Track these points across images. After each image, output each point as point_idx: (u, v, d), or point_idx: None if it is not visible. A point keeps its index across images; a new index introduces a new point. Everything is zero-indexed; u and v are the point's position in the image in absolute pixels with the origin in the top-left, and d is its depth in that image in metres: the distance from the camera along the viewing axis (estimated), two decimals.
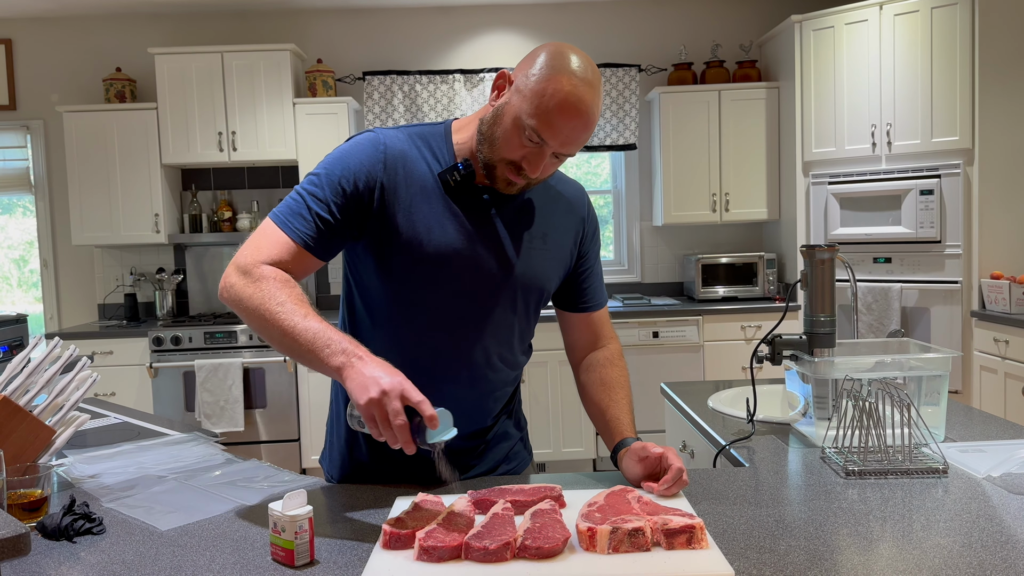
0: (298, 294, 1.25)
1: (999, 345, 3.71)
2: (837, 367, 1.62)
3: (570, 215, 1.50)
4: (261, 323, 1.23)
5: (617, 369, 1.54)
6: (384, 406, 1.11)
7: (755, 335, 4.54)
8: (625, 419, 1.45)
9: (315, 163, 4.61)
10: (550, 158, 1.30)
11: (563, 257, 1.49)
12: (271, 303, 1.22)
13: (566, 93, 1.23)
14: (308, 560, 1.09)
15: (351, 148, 1.36)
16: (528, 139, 1.27)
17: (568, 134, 1.26)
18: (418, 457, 1.42)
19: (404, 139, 1.38)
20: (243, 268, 1.27)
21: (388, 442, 1.13)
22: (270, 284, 1.24)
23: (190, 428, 1.90)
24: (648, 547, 1.07)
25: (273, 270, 1.27)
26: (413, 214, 1.34)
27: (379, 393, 1.11)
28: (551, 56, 1.27)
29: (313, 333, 1.19)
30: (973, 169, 3.91)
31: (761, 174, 4.83)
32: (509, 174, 1.32)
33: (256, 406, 4.44)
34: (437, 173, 1.37)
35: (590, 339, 1.58)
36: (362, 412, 1.12)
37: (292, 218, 1.31)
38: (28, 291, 5.21)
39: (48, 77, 4.98)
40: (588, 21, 5.08)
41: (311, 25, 5.03)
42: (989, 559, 1.05)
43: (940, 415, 1.65)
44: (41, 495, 1.25)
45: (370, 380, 1.12)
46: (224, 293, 1.28)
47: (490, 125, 1.32)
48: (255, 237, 1.31)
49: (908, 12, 4.05)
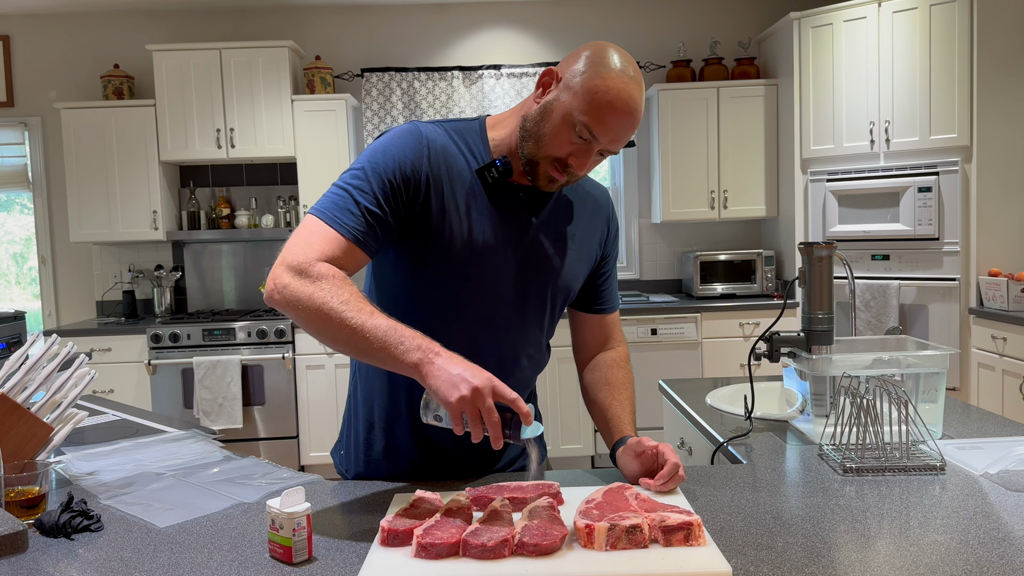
0: (359, 292, 1.22)
1: (997, 342, 3.71)
2: (835, 364, 1.62)
3: (597, 216, 1.51)
4: (324, 323, 1.19)
5: (623, 371, 1.54)
6: (477, 404, 1.11)
7: (753, 332, 4.55)
8: (626, 418, 1.45)
9: (314, 160, 4.65)
10: (595, 156, 1.31)
11: (589, 257, 1.50)
12: (334, 302, 1.18)
13: (618, 90, 1.25)
14: (306, 557, 1.09)
15: (394, 140, 1.34)
16: (578, 135, 1.28)
17: (618, 131, 1.27)
18: (434, 457, 1.45)
19: (443, 133, 1.38)
20: (297, 267, 1.21)
21: (472, 437, 1.14)
22: (330, 283, 1.20)
23: (188, 425, 1.90)
24: (646, 544, 1.08)
25: (330, 268, 1.22)
26: (453, 209, 1.34)
27: (471, 391, 1.11)
28: (600, 54, 1.27)
29: (383, 331, 1.17)
30: (971, 166, 3.91)
31: (760, 171, 4.83)
32: (552, 171, 1.32)
33: (254, 403, 4.44)
34: (475, 169, 1.37)
35: (600, 340, 1.59)
36: (451, 409, 1.12)
37: (339, 213, 1.27)
38: (26, 288, 5.20)
39: (46, 74, 4.97)
40: (586, 18, 5.08)
41: (309, 22, 5.03)
42: (986, 556, 1.05)
43: (938, 412, 1.65)
44: (39, 492, 1.25)
45: (458, 378, 1.12)
46: (275, 294, 1.22)
47: (536, 122, 1.31)
48: (301, 235, 1.26)
49: (907, 9, 4.05)
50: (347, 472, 1.55)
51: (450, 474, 1.46)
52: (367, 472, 1.51)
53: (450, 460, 1.46)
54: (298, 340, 4.45)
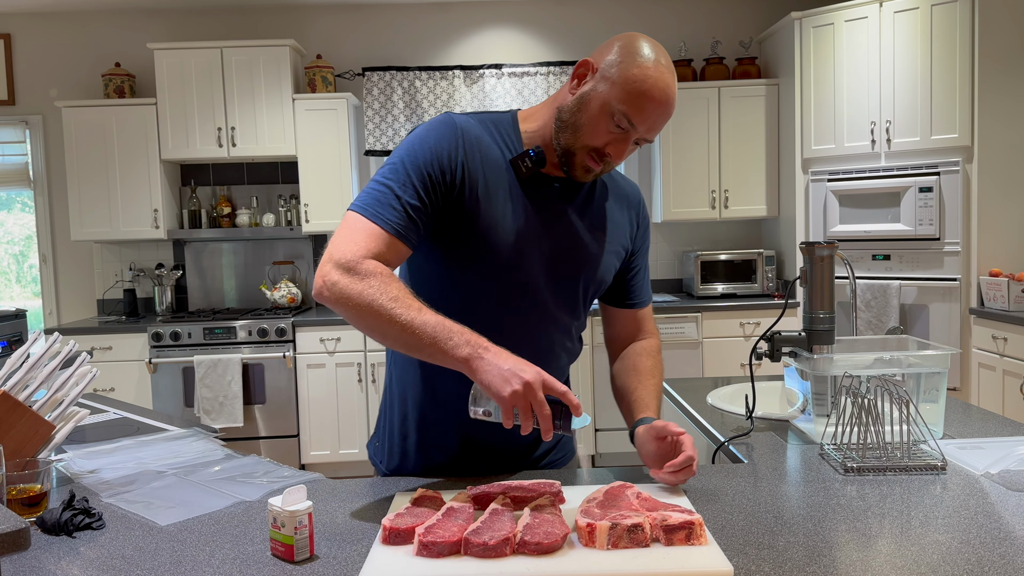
0: (406, 288, 1.24)
1: (997, 342, 3.71)
2: (836, 364, 1.62)
3: (628, 210, 1.53)
4: (374, 320, 1.21)
5: (651, 360, 1.55)
6: (528, 398, 1.13)
7: (754, 332, 4.55)
8: (651, 402, 1.46)
9: (315, 159, 4.65)
10: (631, 145, 1.33)
11: (620, 250, 1.51)
12: (384, 299, 1.20)
13: (655, 79, 1.27)
14: (308, 555, 1.09)
15: (429, 132, 1.35)
16: (617, 125, 1.30)
17: (656, 119, 1.30)
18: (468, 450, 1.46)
19: (477, 124, 1.39)
20: (345, 264, 1.23)
21: (521, 430, 1.15)
22: (378, 280, 1.22)
23: (189, 424, 1.90)
24: (647, 543, 1.08)
25: (377, 264, 1.24)
26: (488, 199, 1.35)
27: (522, 385, 1.13)
28: (635, 45, 1.30)
29: (432, 327, 1.19)
30: (972, 166, 3.91)
31: (760, 171, 4.83)
32: (589, 161, 1.34)
33: (255, 402, 4.44)
34: (509, 159, 1.38)
35: (631, 333, 1.61)
36: (503, 404, 1.14)
37: (381, 208, 1.28)
38: (27, 286, 5.21)
39: (47, 72, 4.97)
40: (587, 18, 5.08)
41: (311, 21, 5.03)
42: (987, 555, 1.05)
43: (939, 412, 1.65)
44: (41, 490, 1.25)
45: (509, 373, 1.14)
46: (325, 292, 1.23)
47: (573, 112, 1.33)
48: (345, 231, 1.28)
49: (908, 9, 4.04)
50: (381, 463, 1.56)
51: (485, 468, 1.46)
52: (401, 464, 1.51)
53: (485, 453, 1.47)
54: (299, 339, 4.46)
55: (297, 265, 5.09)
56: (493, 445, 1.46)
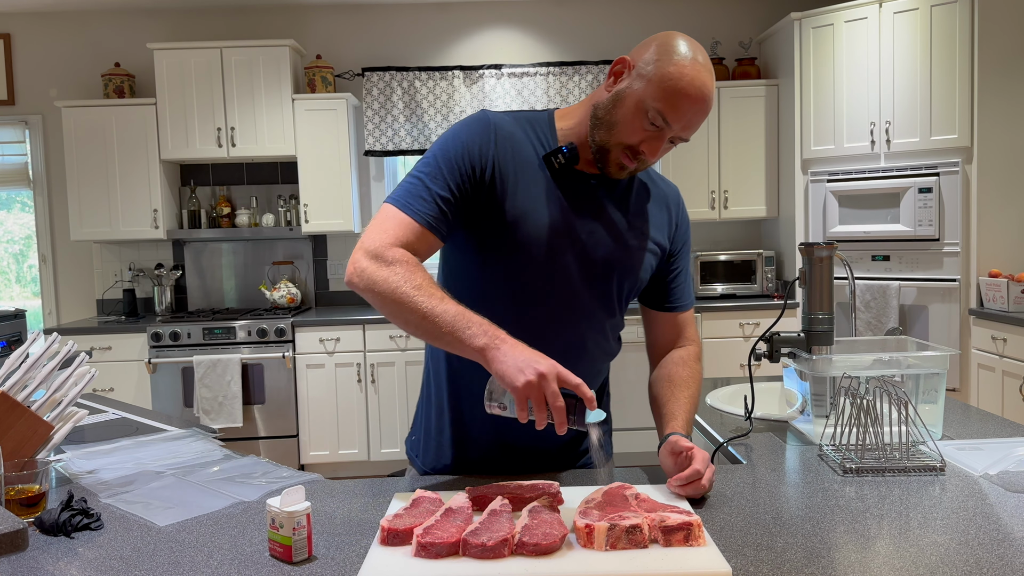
0: (431, 277, 1.27)
1: (997, 343, 3.71)
2: (835, 365, 1.62)
3: (665, 211, 1.53)
4: (397, 307, 1.24)
5: (688, 369, 1.53)
6: (542, 389, 1.13)
7: (753, 332, 4.55)
8: (680, 416, 1.44)
9: (314, 159, 4.65)
10: (666, 143, 1.33)
11: (657, 250, 1.50)
12: (407, 286, 1.23)
13: (692, 77, 1.27)
14: (306, 556, 1.09)
15: (463, 128, 1.38)
16: (651, 122, 1.30)
17: (691, 117, 1.29)
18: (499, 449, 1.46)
19: (511, 121, 1.41)
20: (373, 252, 1.27)
21: (536, 424, 1.15)
22: (404, 267, 1.25)
23: (188, 424, 1.90)
24: (646, 544, 1.08)
25: (404, 253, 1.27)
26: (519, 194, 1.36)
27: (536, 376, 1.13)
28: (672, 43, 1.30)
29: (452, 316, 1.21)
30: (972, 167, 3.91)
31: (760, 171, 4.83)
32: (623, 158, 1.35)
33: (255, 402, 4.44)
34: (542, 155, 1.39)
35: (671, 338, 1.59)
36: (516, 394, 1.14)
37: (413, 200, 1.32)
38: (26, 286, 5.21)
39: (47, 72, 4.97)
40: (587, 17, 5.08)
41: (310, 21, 5.03)
42: (986, 556, 1.05)
43: (938, 413, 1.65)
44: (39, 490, 1.25)
45: (524, 363, 1.15)
46: (354, 278, 1.27)
47: (608, 109, 1.34)
48: (378, 222, 1.32)
49: (908, 10, 4.05)
50: (416, 458, 1.57)
51: (520, 468, 1.46)
52: (437, 459, 1.52)
53: (518, 452, 1.47)
54: (298, 339, 4.46)
55: (296, 265, 5.09)
56: (525, 444, 1.46)
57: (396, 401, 4.51)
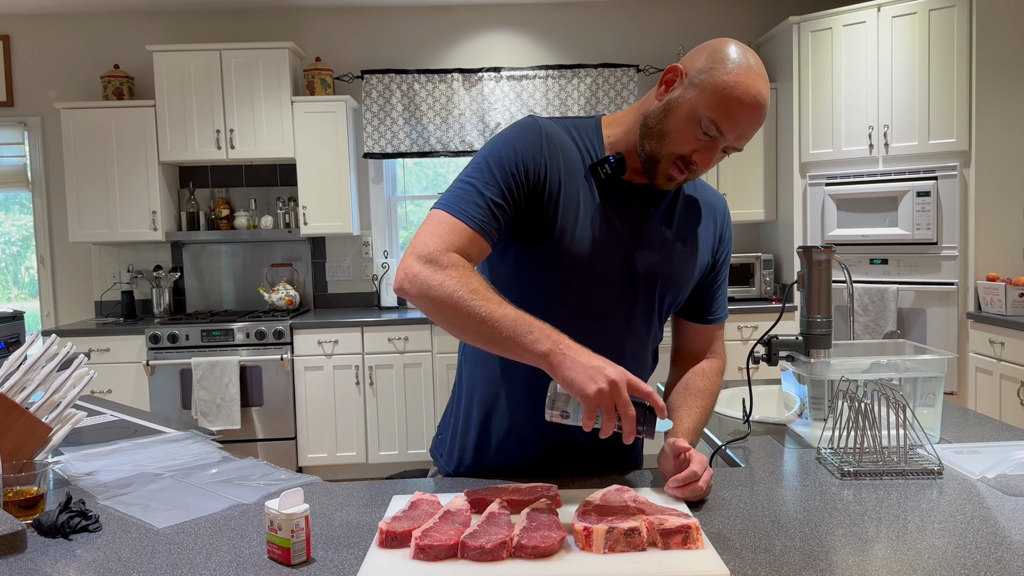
0: (487, 282, 1.24)
1: (994, 347, 3.72)
2: (833, 368, 1.62)
3: (711, 223, 1.50)
4: (453, 312, 1.21)
5: (706, 381, 1.51)
6: (614, 397, 1.12)
7: (752, 336, 4.55)
8: (687, 423, 1.42)
9: (313, 162, 4.65)
10: (719, 153, 1.31)
11: (701, 262, 1.48)
12: (464, 291, 1.20)
13: (747, 86, 1.24)
14: (304, 558, 1.09)
15: (513, 132, 1.36)
16: (704, 132, 1.27)
17: (746, 127, 1.27)
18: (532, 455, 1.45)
19: (560, 128, 1.40)
20: (427, 257, 1.24)
21: (601, 432, 1.14)
22: (459, 272, 1.22)
23: (187, 426, 1.90)
24: (644, 547, 1.08)
25: (458, 258, 1.25)
26: (565, 202, 1.35)
27: (607, 384, 1.12)
28: (724, 50, 1.27)
29: (512, 320, 1.19)
30: (970, 171, 3.91)
31: (758, 175, 4.84)
32: (673, 169, 1.32)
33: (253, 404, 4.43)
34: (588, 165, 1.38)
35: (698, 350, 1.57)
36: (587, 402, 1.12)
37: (465, 205, 1.29)
38: (25, 288, 5.20)
39: (46, 74, 4.97)
40: (586, 21, 5.09)
41: (310, 23, 5.03)
42: (983, 560, 1.05)
43: (935, 416, 1.66)
44: (37, 492, 1.25)
45: (594, 371, 1.13)
46: (406, 284, 1.24)
47: (659, 119, 1.31)
48: (428, 227, 1.29)
49: (906, 14, 4.06)
50: (440, 457, 1.56)
51: (548, 472, 1.45)
52: (460, 460, 1.51)
53: (548, 457, 1.46)
54: (296, 341, 4.45)
55: (295, 267, 5.09)
56: (562, 447, 1.45)
57: (394, 403, 4.51)
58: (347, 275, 5.12)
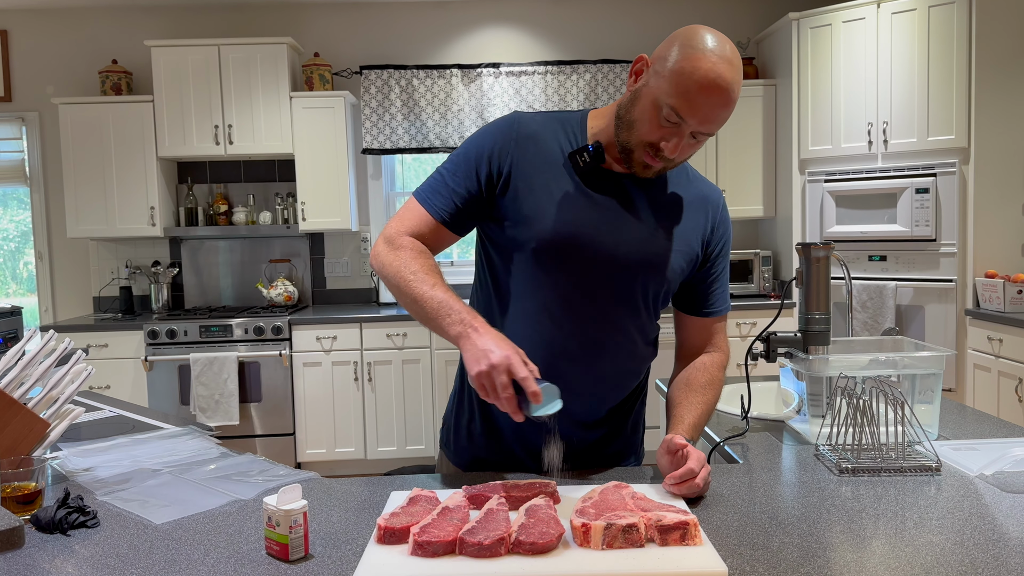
0: (431, 265, 1.35)
1: (993, 344, 3.72)
2: (832, 365, 1.62)
3: (700, 215, 1.49)
4: (396, 290, 1.35)
5: (706, 375, 1.51)
6: (493, 379, 1.18)
7: (750, 332, 4.55)
8: (687, 419, 1.43)
9: (312, 157, 4.65)
10: (688, 139, 1.31)
11: (689, 253, 1.47)
12: (405, 271, 1.33)
13: (705, 70, 1.24)
14: (302, 554, 1.09)
15: (486, 128, 1.44)
16: (666, 119, 1.28)
17: (707, 112, 1.26)
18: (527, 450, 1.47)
19: (540, 121, 1.44)
20: (387, 238, 1.40)
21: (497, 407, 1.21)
22: (407, 254, 1.36)
23: (185, 422, 1.90)
24: (642, 543, 1.08)
25: (412, 241, 1.38)
26: (538, 192, 1.39)
27: (488, 366, 1.18)
28: (688, 37, 1.28)
29: (438, 302, 1.28)
30: (969, 168, 3.91)
31: (757, 171, 4.84)
32: (646, 157, 1.34)
33: (251, 400, 4.43)
34: (567, 154, 1.40)
35: (699, 344, 1.57)
36: (473, 381, 1.20)
37: (432, 195, 1.42)
38: (23, 284, 5.19)
39: (44, 69, 4.96)
40: (585, 17, 5.08)
41: (308, 19, 5.02)
42: (981, 556, 1.05)
43: (934, 413, 1.66)
44: (35, 488, 1.25)
45: (481, 352, 1.20)
46: (372, 260, 1.40)
47: (628, 108, 1.34)
48: (400, 212, 1.43)
49: (906, 11, 4.05)
50: (446, 445, 1.60)
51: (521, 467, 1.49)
52: (467, 449, 1.54)
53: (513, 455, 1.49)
54: (295, 337, 4.45)
55: (294, 263, 5.08)
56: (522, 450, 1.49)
57: (393, 399, 4.51)
58: (346, 271, 5.12)
